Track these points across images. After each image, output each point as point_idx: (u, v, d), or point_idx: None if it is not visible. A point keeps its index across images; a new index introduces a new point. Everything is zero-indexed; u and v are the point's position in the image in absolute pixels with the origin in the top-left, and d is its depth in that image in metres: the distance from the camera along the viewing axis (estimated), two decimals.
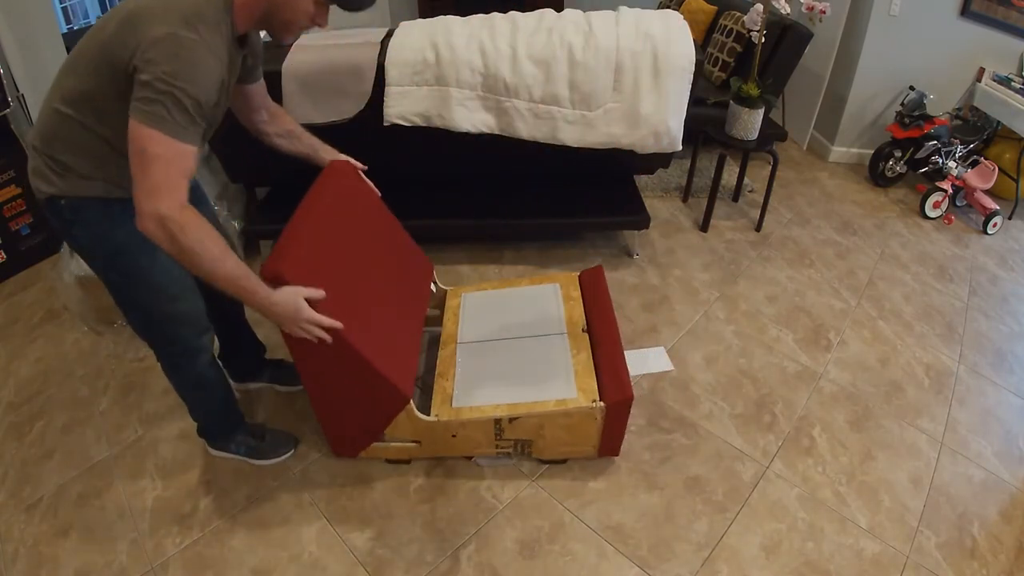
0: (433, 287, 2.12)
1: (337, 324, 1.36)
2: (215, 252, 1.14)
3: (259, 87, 1.50)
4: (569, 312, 1.99)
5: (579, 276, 2.15)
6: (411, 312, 1.86)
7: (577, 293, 2.07)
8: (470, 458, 1.82)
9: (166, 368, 1.53)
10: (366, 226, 1.77)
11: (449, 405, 1.70)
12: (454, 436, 1.70)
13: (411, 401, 1.63)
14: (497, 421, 1.66)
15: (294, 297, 1.28)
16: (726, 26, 3.37)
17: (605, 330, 1.86)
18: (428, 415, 1.67)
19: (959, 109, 3.27)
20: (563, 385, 1.71)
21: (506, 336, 1.94)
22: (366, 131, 2.25)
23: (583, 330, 1.91)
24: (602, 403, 1.63)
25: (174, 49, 1.05)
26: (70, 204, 1.22)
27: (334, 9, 1.25)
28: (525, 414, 1.64)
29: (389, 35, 2.32)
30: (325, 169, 1.68)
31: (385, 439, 1.74)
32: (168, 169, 1.08)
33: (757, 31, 2.49)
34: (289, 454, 1.68)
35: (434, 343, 2.08)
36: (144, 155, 1.07)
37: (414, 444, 1.75)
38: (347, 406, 1.61)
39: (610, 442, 1.74)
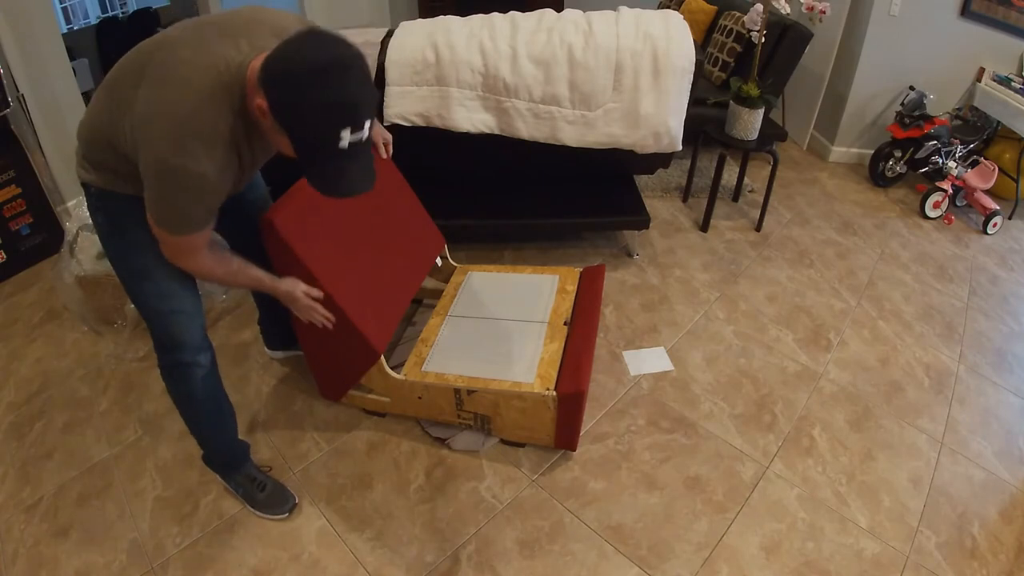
0: (439, 261, 2.22)
1: (328, 316, 1.58)
2: (222, 276, 1.36)
3: None
4: (558, 304, 2.05)
5: (580, 272, 2.19)
6: (403, 279, 1.96)
7: (573, 288, 2.12)
8: (441, 440, 1.82)
9: (161, 372, 1.50)
10: (375, 194, 1.85)
11: (419, 368, 1.83)
12: (420, 398, 1.82)
13: (382, 357, 1.76)
14: (457, 391, 1.75)
15: (291, 287, 1.51)
16: (726, 26, 3.37)
17: (585, 327, 1.92)
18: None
19: (959, 109, 3.27)
20: (524, 369, 1.78)
21: (492, 316, 2.04)
22: None
23: (565, 323, 1.96)
24: (554, 392, 1.67)
25: (166, 180, 1.12)
26: (99, 192, 1.28)
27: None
28: (482, 389, 1.73)
29: (389, 35, 2.32)
30: None
31: (363, 390, 1.89)
32: (179, 249, 1.25)
33: (757, 31, 2.49)
34: (283, 516, 1.66)
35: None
36: (162, 243, 1.24)
37: (387, 399, 1.88)
38: (330, 354, 1.75)
39: (566, 435, 1.77)
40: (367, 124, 1.08)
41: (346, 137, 1.05)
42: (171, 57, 1.11)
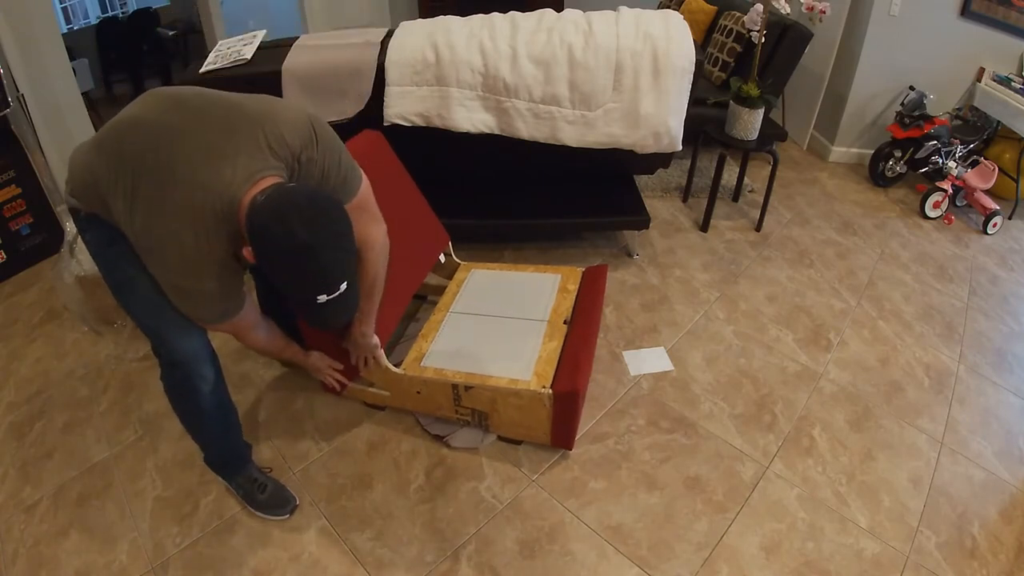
0: (442, 258, 2.24)
1: (344, 383, 1.81)
2: (271, 350, 1.57)
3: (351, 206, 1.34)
4: (559, 303, 2.06)
5: (583, 272, 2.20)
6: (406, 274, 1.96)
7: (574, 287, 2.13)
8: (440, 438, 1.82)
9: (163, 385, 1.49)
10: (380, 190, 1.85)
11: (418, 363, 1.84)
12: (419, 393, 1.83)
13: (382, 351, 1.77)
14: (455, 387, 1.76)
15: (317, 361, 1.73)
16: (726, 26, 3.37)
17: (585, 326, 1.92)
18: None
19: (959, 109, 3.27)
20: (522, 367, 1.79)
21: (493, 313, 2.04)
22: None
23: (564, 322, 1.97)
24: (550, 390, 1.68)
25: (181, 297, 1.23)
26: (87, 215, 1.30)
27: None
28: (479, 385, 1.74)
29: (389, 35, 2.32)
30: (356, 136, 1.87)
31: (364, 383, 1.91)
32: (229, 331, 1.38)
33: (757, 31, 2.49)
34: (283, 517, 1.67)
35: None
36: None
37: (387, 393, 1.89)
38: (331, 347, 1.75)
39: (562, 434, 1.77)
40: (343, 285, 1.14)
41: (323, 299, 1.12)
42: (167, 177, 1.11)
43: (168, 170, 1.11)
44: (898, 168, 3.33)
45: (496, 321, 2.01)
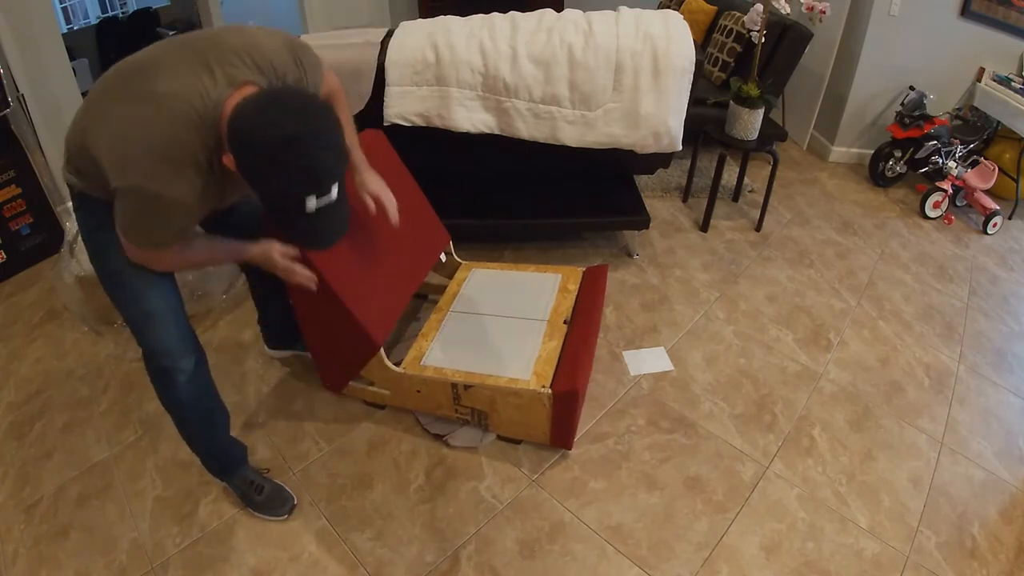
0: (443, 257, 2.24)
1: (310, 276, 1.47)
2: (193, 263, 1.42)
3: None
4: (559, 303, 2.07)
5: (583, 272, 2.21)
6: (407, 273, 1.97)
7: (575, 287, 2.13)
8: (439, 437, 1.82)
9: (148, 376, 1.49)
10: None
11: (418, 362, 1.85)
12: (418, 391, 1.84)
13: (382, 350, 1.78)
14: (454, 386, 1.77)
15: (265, 248, 1.43)
16: (726, 26, 3.37)
17: (584, 326, 1.92)
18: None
19: (959, 109, 3.27)
20: (522, 366, 1.79)
21: (493, 313, 2.05)
22: None
23: (564, 322, 1.97)
24: (550, 390, 1.68)
25: (139, 203, 1.12)
26: (80, 194, 1.30)
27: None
28: (479, 384, 1.75)
29: (389, 35, 2.32)
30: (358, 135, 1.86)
31: (364, 382, 1.92)
32: (144, 259, 1.27)
33: (757, 31, 2.49)
34: (281, 518, 1.67)
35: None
36: (126, 248, 1.24)
37: (387, 392, 1.90)
38: (331, 345, 1.76)
39: (562, 433, 1.77)
40: (334, 188, 1.09)
41: (312, 203, 1.07)
42: (148, 84, 1.10)
43: (146, 88, 1.09)
44: (898, 168, 3.33)
45: (496, 320, 2.01)
